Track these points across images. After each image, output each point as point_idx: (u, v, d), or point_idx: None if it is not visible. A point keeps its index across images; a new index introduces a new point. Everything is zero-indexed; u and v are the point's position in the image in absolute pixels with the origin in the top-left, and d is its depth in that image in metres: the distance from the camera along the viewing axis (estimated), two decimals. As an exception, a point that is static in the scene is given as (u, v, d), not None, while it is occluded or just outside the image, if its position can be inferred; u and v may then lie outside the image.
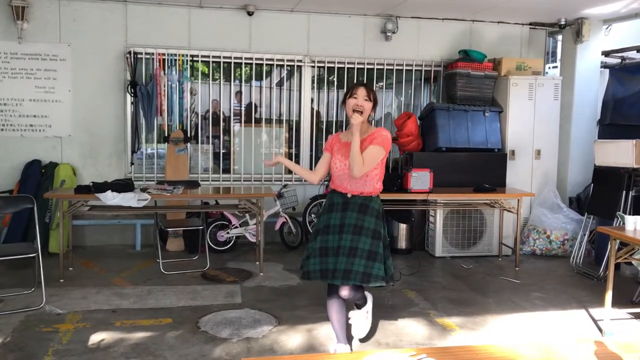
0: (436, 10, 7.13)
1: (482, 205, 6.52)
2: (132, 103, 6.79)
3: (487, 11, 7.08)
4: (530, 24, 7.66)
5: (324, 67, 7.32)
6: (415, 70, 7.53)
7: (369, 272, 3.51)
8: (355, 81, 7.34)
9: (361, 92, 3.62)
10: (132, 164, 6.86)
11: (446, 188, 6.31)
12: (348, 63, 7.31)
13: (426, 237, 6.87)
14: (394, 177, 6.21)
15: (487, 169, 6.72)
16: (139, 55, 6.74)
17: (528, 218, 6.98)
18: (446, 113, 6.79)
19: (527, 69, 7.09)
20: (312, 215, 6.83)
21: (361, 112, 3.57)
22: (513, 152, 6.95)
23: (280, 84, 7.60)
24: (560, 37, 7.82)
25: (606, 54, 7.49)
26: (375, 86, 7.50)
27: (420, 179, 5.96)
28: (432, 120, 6.80)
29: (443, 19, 7.44)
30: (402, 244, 6.79)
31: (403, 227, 6.77)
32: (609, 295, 4.30)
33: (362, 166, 3.53)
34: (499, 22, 7.57)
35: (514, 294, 5.32)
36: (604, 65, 7.55)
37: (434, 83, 7.61)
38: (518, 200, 6.24)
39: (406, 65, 7.46)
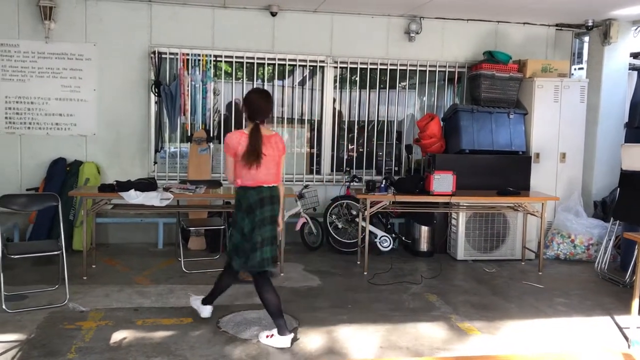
0: (461, 11, 7.06)
1: (505, 209, 6.44)
2: (155, 102, 6.84)
3: (512, 12, 6.99)
4: (557, 25, 7.55)
5: (346, 67, 7.30)
6: (439, 71, 7.47)
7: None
8: (377, 81, 7.33)
9: None
10: (155, 163, 6.91)
11: (469, 191, 6.25)
12: (371, 63, 7.28)
13: (448, 240, 6.81)
14: (416, 179, 6.16)
15: (511, 171, 6.64)
16: (163, 55, 6.79)
17: (552, 222, 6.88)
18: (470, 115, 6.72)
19: (552, 70, 6.98)
20: (333, 217, 6.82)
21: None
22: (538, 155, 6.86)
23: (302, 83, 7.59)
24: (587, 39, 7.69)
25: (634, 55, 7.36)
26: (398, 86, 7.46)
27: (442, 182, 5.91)
28: (455, 121, 6.73)
29: (468, 20, 7.37)
30: (424, 246, 6.74)
31: (425, 229, 6.72)
32: (635, 303, 4.22)
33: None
34: (524, 23, 7.48)
35: (536, 299, 5.25)
36: (632, 67, 7.41)
37: (457, 84, 7.54)
38: (542, 204, 6.15)
39: (430, 66, 7.41)
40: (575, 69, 8.28)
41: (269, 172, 4.08)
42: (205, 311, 4.47)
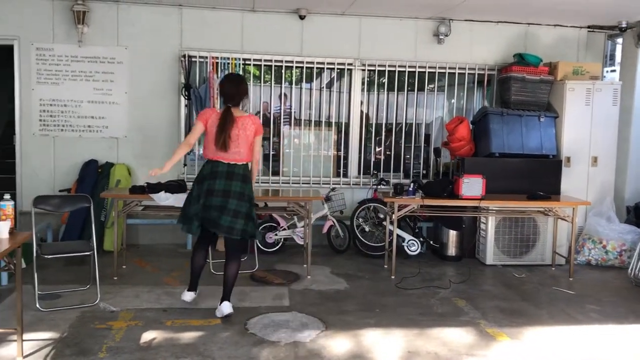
0: (490, 13, 7.00)
1: (535, 213, 6.35)
2: (185, 105, 6.92)
3: (543, 14, 6.90)
4: (589, 27, 7.43)
5: (374, 70, 7.29)
6: (468, 73, 7.41)
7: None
8: (405, 84, 7.29)
9: None
10: (184, 165, 7.00)
11: (499, 195, 6.18)
12: (399, 66, 7.26)
13: (477, 245, 6.74)
14: (445, 183, 6.11)
15: (541, 175, 6.55)
16: (193, 59, 6.86)
17: (583, 227, 6.76)
18: (500, 118, 6.65)
19: (584, 73, 6.87)
20: (360, 220, 6.81)
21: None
22: (568, 159, 6.75)
23: (329, 85, 7.60)
24: (620, 40, 7.55)
25: (670, 57, 7.19)
26: (427, 89, 7.42)
27: (472, 185, 5.86)
28: (485, 124, 6.67)
29: (497, 22, 7.30)
30: (452, 251, 6.69)
31: (453, 233, 6.67)
32: (670, 311, 4.13)
33: None
34: (555, 25, 7.38)
35: (567, 306, 5.16)
36: (667, 70, 7.25)
37: (487, 87, 7.47)
38: (573, 208, 6.05)
39: (459, 68, 7.35)
40: (607, 71, 8.13)
41: (235, 150, 4.43)
42: (187, 296, 4.81)
